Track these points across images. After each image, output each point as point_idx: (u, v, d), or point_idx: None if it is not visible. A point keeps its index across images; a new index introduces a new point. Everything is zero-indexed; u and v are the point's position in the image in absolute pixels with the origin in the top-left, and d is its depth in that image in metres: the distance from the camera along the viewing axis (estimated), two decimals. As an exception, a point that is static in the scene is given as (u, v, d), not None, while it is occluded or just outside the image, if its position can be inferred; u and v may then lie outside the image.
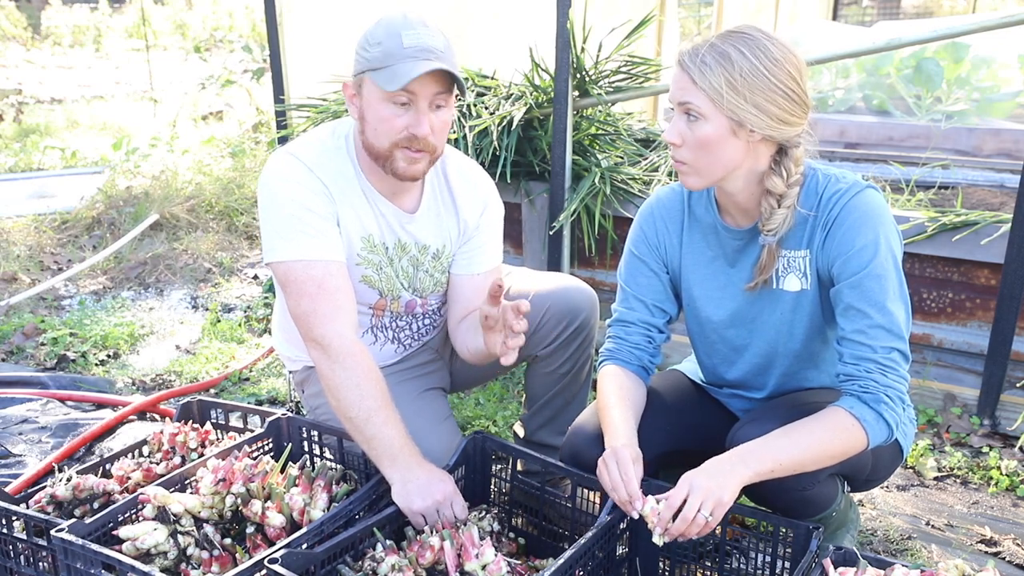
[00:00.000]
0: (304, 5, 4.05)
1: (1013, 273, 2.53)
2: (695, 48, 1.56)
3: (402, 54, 1.71)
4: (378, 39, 1.73)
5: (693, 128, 1.57)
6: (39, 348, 3.46)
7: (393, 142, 1.78)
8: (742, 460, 1.52)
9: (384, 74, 1.72)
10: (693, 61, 1.54)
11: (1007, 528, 2.25)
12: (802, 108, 1.57)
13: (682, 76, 1.57)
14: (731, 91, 1.52)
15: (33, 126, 8.75)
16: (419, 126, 1.75)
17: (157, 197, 5.18)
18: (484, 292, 2.02)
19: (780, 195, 1.61)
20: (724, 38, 1.55)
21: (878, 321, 1.57)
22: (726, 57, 1.52)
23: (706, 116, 1.55)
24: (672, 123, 1.60)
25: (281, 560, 1.49)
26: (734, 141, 1.56)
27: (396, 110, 1.75)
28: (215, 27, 17.06)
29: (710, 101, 1.53)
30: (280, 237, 1.83)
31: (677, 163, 1.63)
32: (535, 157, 3.31)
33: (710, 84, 1.52)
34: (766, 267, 1.68)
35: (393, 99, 1.74)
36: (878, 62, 6.10)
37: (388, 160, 1.81)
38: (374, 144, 1.81)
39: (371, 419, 1.76)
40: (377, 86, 1.73)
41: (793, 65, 1.55)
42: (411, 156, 1.79)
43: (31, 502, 1.94)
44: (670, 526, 1.50)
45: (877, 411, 1.57)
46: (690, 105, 1.55)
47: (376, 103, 1.76)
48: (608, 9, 4.72)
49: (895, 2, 13.57)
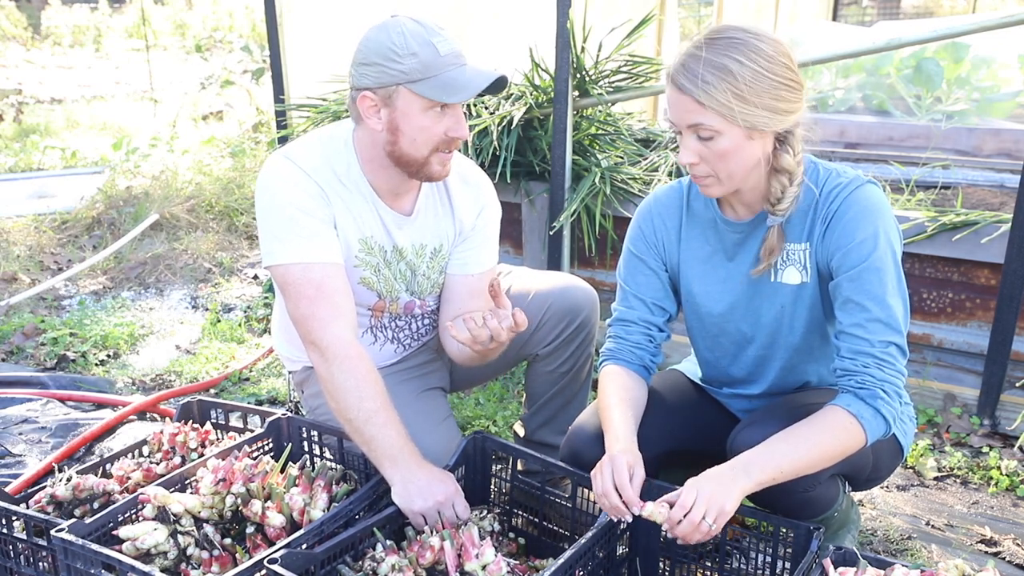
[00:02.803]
0: (304, 5, 4.05)
1: (1013, 273, 2.53)
2: (686, 65, 1.52)
3: (443, 63, 1.74)
4: (410, 49, 1.73)
5: (709, 146, 1.55)
6: (39, 348, 3.46)
7: (433, 148, 1.81)
8: (744, 471, 1.52)
9: (431, 85, 1.73)
10: (692, 82, 1.51)
11: (1007, 528, 2.25)
12: (800, 91, 1.57)
13: (683, 99, 1.53)
14: (740, 103, 1.50)
15: (33, 126, 8.75)
16: (461, 128, 1.81)
17: (157, 197, 5.18)
18: (478, 294, 2.03)
19: (790, 172, 1.61)
20: (712, 49, 1.51)
21: (876, 315, 1.57)
22: (725, 70, 1.50)
23: (720, 131, 1.53)
24: (684, 144, 1.57)
25: (281, 560, 1.49)
26: (750, 144, 1.56)
27: (436, 117, 1.78)
28: (215, 27, 17.06)
29: (721, 118, 1.51)
30: (278, 240, 1.83)
31: (698, 178, 1.62)
32: (535, 157, 3.31)
33: (718, 102, 1.50)
34: (775, 249, 1.67)
35: (434, 107, 1.76)
36: (878, 62, 6.11)
37: (424, 166, 1.83)
38: (411, 153, 1.81)
39: (370, 421, 1.76)
40: (422, 97, 1.75)
41: (784, 54, 1.54)
42: (445, 158, 1.84)
43: (31, 502, 1.94)
44: (679, 526, 1.50)
45: (874, 407, 1.57)
46: (701, 126, 1.53)
47: (417, 114, 1.77)
48: (608, 9, 4.71)
49: (895, 2, 13.57)
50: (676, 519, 1.50)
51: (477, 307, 1.97)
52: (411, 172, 1.85)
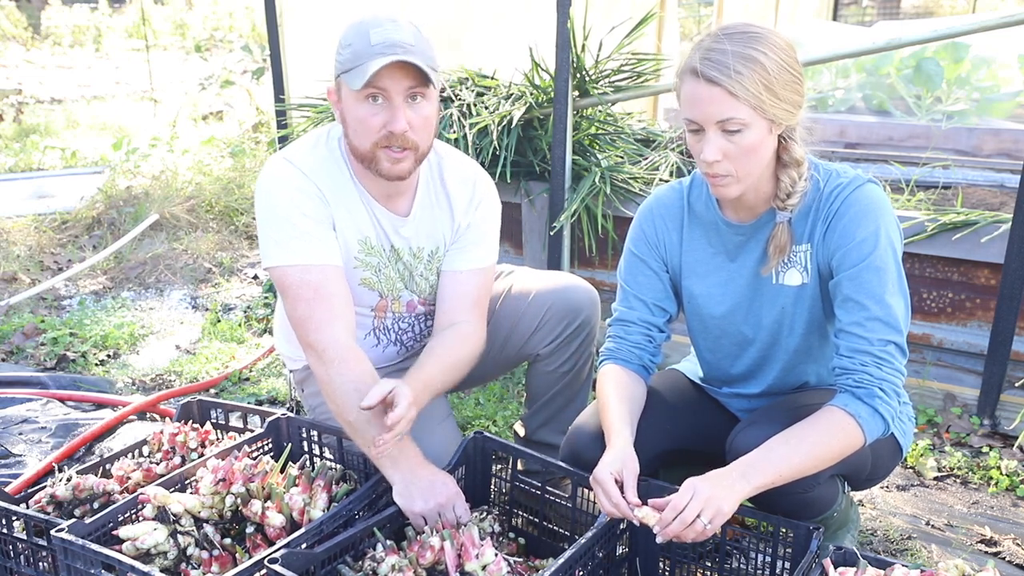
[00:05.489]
0: (304, 5, 4.05)
1: (1013, 273, 2.53)
2: (712, 59, 1.49)
3: (370, 52, 1.70)
4: (348, 40, 1.74)
5: (736, 140, 1.52)
6: (39, 348, 3.46)
7: (374, 142, 1.77)
8: (744, 475, 1.52)
9: (354, 74, 1.72)
10: (725, 73, 1.48)
11: (1007, 528, 2.25)
12: (804, 85, 1.58)
13: (714, 92, 1.49)
14: (769, 94, 1.50)
15: (33, 126, 8.74)
16: (395, 122, 1.74)
17: (157, 197, 5.18)
18: (463, 296, 1.98)
19: (799, 163, 1.61)
20: (737, 42, 1.50)
21: (875, 313, 1.57)
22: (755, 61, 1.48)
23: (748, 124, 1.51)
24: (709, 142, 1.53)
25: (281, 560, 1.49)
26: (770, 140, 1.57)
27: (371, 109, 1.74)
28: (215, 27, 17.07)
29: (752, 110, 1.50)
30: (276, 242, 1.83)
31: (716, 177, 1.57)
32: (535, 157, 3.31)
33: (751, 93, 1.48)
34: (784, 247, 1.66)
35: (366, 98, 1.73)
36: (878, 62, 6.10)
37: (372, 161, 1.80)
38: (357, 146, 1.81)
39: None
40: (347, 86, 1.74)
41: (791, 46, 1.55)
42: (394, 156, 1.78)
43: (31, 502, 1.94)
44: (669, 526, 1.50)
45: (872, 406, 1.57)
46: (733, 120, 1.50)
47: (352, 104, 1.76)
48: (608, 9, 4.72)
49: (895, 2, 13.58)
50: (667, 520, 1.50)
51: (456, 319, 1.96)
52: (368, 168, 1.83)
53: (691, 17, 8.60)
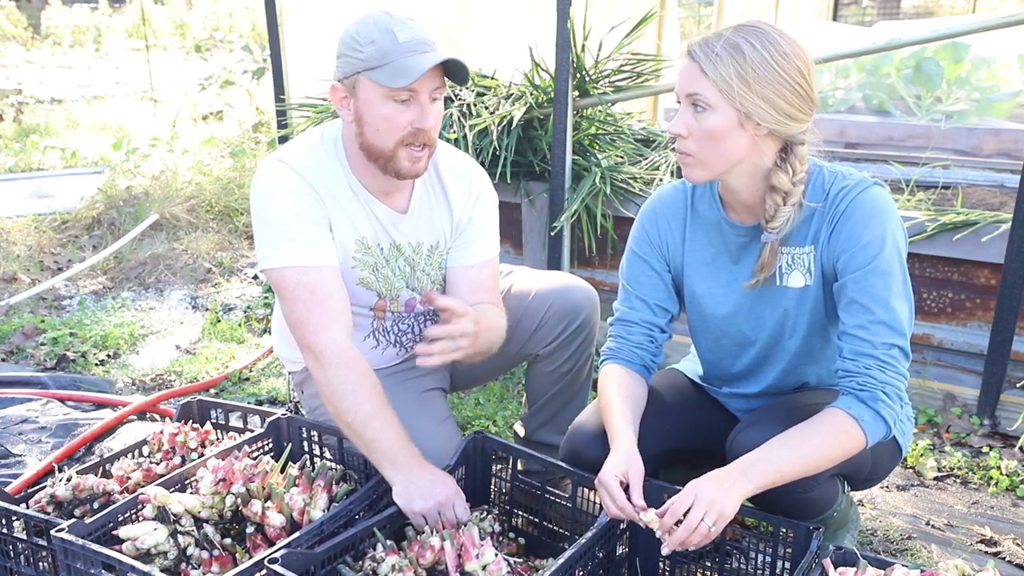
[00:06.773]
0: (304, 5, 4.05)
1: (1013, 273, 2.53)
2: (706, 40, 1.56)
3: (400, 49, 1.70)
4: (370, 38, 1.72)
5: (700, 119, 1.56)
6: (39, 348, 3.46)
7: (397, 140, 1.77)
8: (744, 474, 1.52)
9: (386, 71, 1.71)
10: (704, 51, 1.54)
11: (1007, 528, 2.25)
12: (808, 104, 1.57)
13: (691, 66, 1.56)
14: (741, 82, 1.51)
15: (33, 126, 8.74)
16: (425, 119, 1.75)
17: (157, 197, 5.18)
18: (479, 286, 2.00)
19: (786, 192, 1.61)
20: (735, 31, 1.54)
21: (880, 317, 1.56)
22: (737, 48, 1.52)
23: (714, 107, 1.54)
24: (678, 115, 1.60)
25: (281, 560, 1.49)
26: (741, 133, 1.56)
27: (398, 107, 1.74)
28: (215, 27, 17.08)
29: (719, 92, 1.53)
30: (272, 244, 1.82)
31: (682, 155, 1.62)
32: (535, 157, 3.31)
33: (720, 75, 1.52)
34: (767, 265, 1.68)
35: (395, 96, 1.73)
36: (878, 62, 6.11)
37: (391, 160, 1.80)
38: (376, 144, 1.79)
39: (368, 423, 1.76)
40: (379, 84, 1.72)
41: (802, 61, 1.55)
42: (415, 155, 1.79)
43: (31, 502, 1.93)
44: (673, 534, 1.50)
45: (874, 409, 1.57)
46: (698, 96, 1.55)
47: (376, 102, 1.75)
48: (608, 9, 4.72)
49: (895, 2, 13.59)
50: (668, 525, 1.50)
51: (480, 300, 1.97)
52: (382, 167, 1.82)
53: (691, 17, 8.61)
